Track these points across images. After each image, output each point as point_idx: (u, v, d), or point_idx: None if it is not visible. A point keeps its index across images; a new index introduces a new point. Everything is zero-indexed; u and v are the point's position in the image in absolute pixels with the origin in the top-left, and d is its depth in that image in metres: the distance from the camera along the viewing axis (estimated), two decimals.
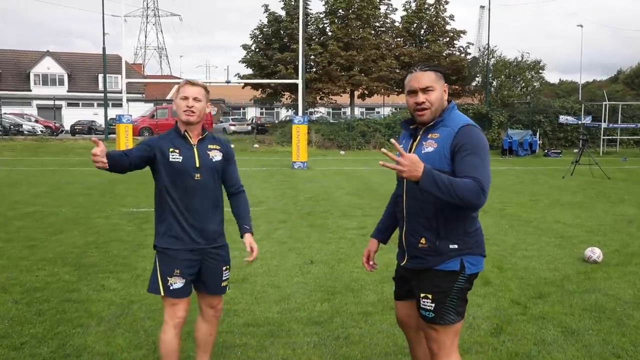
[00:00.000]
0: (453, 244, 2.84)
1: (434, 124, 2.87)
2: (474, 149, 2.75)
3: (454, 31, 40.69)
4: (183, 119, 3.36)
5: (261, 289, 5.82)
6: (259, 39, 39.16)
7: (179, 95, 3.37)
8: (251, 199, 12.04)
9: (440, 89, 2.88)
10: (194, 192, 3.36)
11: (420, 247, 2.90)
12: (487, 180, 2.70)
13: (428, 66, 2.93)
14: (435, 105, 2.86)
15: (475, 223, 2.93)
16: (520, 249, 7.65)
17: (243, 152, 30.26)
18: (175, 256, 3.35)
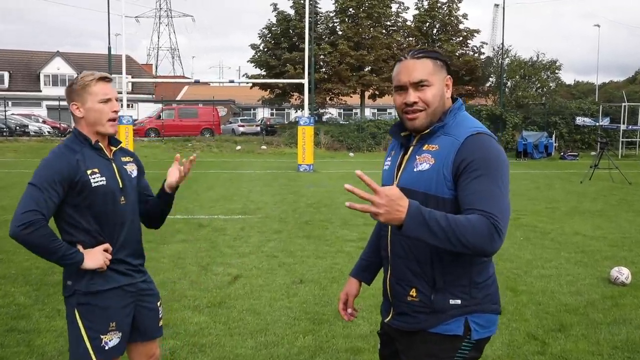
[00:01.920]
0: (455, 299, 2.06)
1: (432, 131, 2.10)
2: (485, 169, 1.97)
3: (467, 30, 39.70)
4: (109, 131, 2.58)
5: (238, 316, 5.07)
6: (268, 38, 38.47)
7: (95, 96, 2.54)
8: (248, 205, 11.39)
9: (439, 83, 2.10)
10: (123, 220, 2.59)
11: (410, 300, 2.12)
12: (504, 214, 1.92)
13: (423, 52, 2.14)
14: (433, 105, 2.09)
15: (487, 269, 2.14)
16: (536, 266, 6.85)
17: (250, 153, 29.60)
18: (107, 304, 2.53)
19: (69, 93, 2.59)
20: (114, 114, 2.58)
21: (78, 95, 2.56)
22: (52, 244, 2.38)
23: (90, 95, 2.55)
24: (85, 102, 2.55)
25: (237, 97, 58.75)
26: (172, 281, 6.07)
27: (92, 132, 2.58)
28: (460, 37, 39.66)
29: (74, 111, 2.57)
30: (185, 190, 14.24)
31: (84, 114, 2.56)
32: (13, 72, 55.65)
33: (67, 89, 2.60)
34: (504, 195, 1.96)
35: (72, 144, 2.56)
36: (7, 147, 28.28)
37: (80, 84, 2.55)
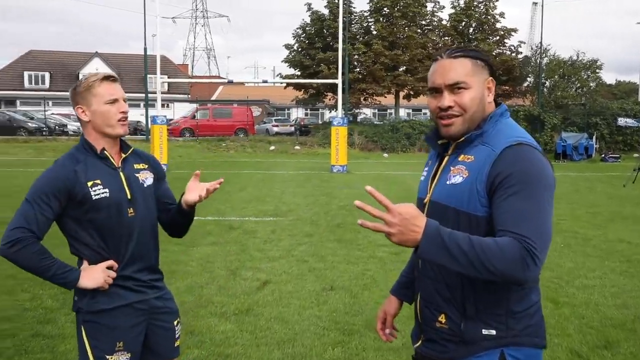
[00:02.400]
0: (488, 329, 1.82)
1: (469, 139, 1.88)
2: (523, 184, 1.72)
3: (504, 29, 38.96)
4: (119, 132, 2.39)
5: (265, 324, 4.92)
6: (302, 38, 38.39)
7: (101, 98, 2.35)
8: (280, 207, 11.27)
9: (479, 85, 1.88)
10: (130, 233, 2.39)
11: (439, 327, 1.90)
12: (541, 238, 1.68)
13: (462, 50, 1.91)
14: (471, 110, 1.87)
15: (528, 297, 1.86)
16: (579, 275, 6.53)
17: (283, 154, 29.54)
18: (114, 323, 2.35)
19: (72, 96, 2.40)
20: (122, 114, 2.39)
21: (82, 98, 2.37)
22: (41, 263, 2.23)
23: (95, 97, 2.35)
24: (90, 104, 2.36)
25: (271, 97, 58.92)
26: (200, 286, 5.96)
27: (100, 137, 2.40)
28: (497, 36, 38.98)
29: (80, 115, 2.39)
30: (218, 191, 14.06)
31: (90, 118, 2.37)
32: (54, 73, 56.82)
33: (71, 92, 2.41)
34: (543, 216, 1.71)
35: (77, 153, 2.39)
36: (46, 147, 28.78)
37: (83, 85, 2.37)
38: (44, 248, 2.25)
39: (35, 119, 35.65)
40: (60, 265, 2.27)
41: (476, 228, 1.77)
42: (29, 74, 56.32)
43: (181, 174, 18.57)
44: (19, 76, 56.52)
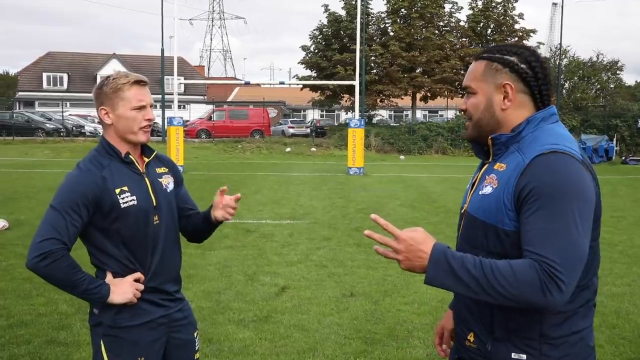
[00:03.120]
0: (519, 353, 1.68)
1: (504, 145, 1.76)
2: (548, 199, 1.57)
3: (523, 30, 38.55)
4: (141, 139, 2.26)
5: (285, 332, 4.78)
6: (319, 39, 38.28)
7: (128, 103, 2.21)
8: (297, 209, 11.12)
9: (486, 90, 1.77)
10: (155, 242, 2.26)
11: (468, 345, 1.80)
12: (567, 259, 1.53)
13: (487, 51, 1.83)
14: (475, 116, 1.81)
15: (570, 322, 1.69)
16: (606, 282, 6.32)
17: (299, 155, 29.43)
18: (136, 338, 2.23)
19: (97, 95, 2.25)
20: (147, 122, 2.25)
21: (108, 99, 2.22)
22: (74, 277, 2.09)
23: (123, 100, 2.20)
24: (116, 108, 2.21)
25: (287, 98, 58.88)
26: (218, 291, 5.83)
27: (121, 141, 2.26)
28: (516, 37, 38.55)
29: (102, 117, 2.24)
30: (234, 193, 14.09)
31: (113, 121, 2.23)
32: (72, 74, 57.25)
33: (96, 90, 2.25)
34: (572, 234, 1.55)
35: (100, 157, 2.24)
36: (63, 147, 28.94)
37: (111, 86, 2.21)
38: (75, 261, 2.11)
39: (53, 120, 35.90)
40: (91, 280, 2.14)
41: (505, 243, 1.67)
42: (47, 75, 56.81)
43: (197, 176, 18.56)
44: (37, 77, 57.05)
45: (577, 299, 1.67)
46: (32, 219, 9.81)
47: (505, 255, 1.64)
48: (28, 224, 9.32)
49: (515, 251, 1.63)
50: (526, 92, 1.76)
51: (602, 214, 1.71)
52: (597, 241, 1.71)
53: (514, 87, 1.75)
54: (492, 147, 1.78)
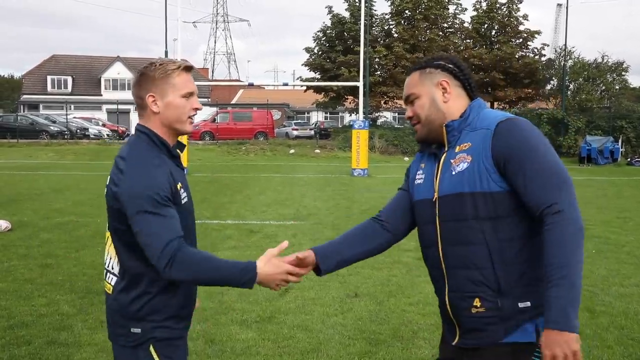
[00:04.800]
0: (524, 301, 1.90)
1: (456, 130, 2.03)
2: (531, 152, 1.88)
3: (527, 32, 38.41)
4: (188, 130, 2.12)
5: (288, 333, 4.72)
6: (322, 41, 38.24)
7: (178, 90, 2.07)
8: (301, 210, 11.05)
9: (428, 90, 2.08)
10: (195, 242, 2.19)
11: (475, 312, 1.94)
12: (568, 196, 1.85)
13: (415, 66, 2.17)
14: (423, 115, 2.09)
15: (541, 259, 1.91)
16: (614, 283, 6.24)
17: (303, 157, 29.38)
18: (181, 348, 2.15)
19: (143, 81, 2.07)
20: (194, 111, 2.12)
21: (156, 86, 2.06)
22: (214, 263, 1.95)
23: (173, 87, 2.06)
24: (166, 95, 2.06)
25: (291, 100, 58.85)
26: (220, 292, 5.76)
27: (167, 132, 2.10)
28: (521, 38, 38.47)
29: (150, 104, 2.06)
30: (237, 194, 14.09)
31: (161, 110, 2.07)
32: (76, 77, 57.38)
33: (141, 76, 2.08)
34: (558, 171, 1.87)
35: (153, 149, 2.05)
36: (67, 150, 28.97)
37: (161, 71, 2.06)
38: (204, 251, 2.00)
39: (57, 122, 35.97)
40: (231, 261, 2.00)
41: (497, 205, 1.90)
42: (52, 78, 56.95)
43: (201, 178, 18.54)
44: (42, 80, 57.19)
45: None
46: (35, 220, 9.80)
47: (496, 217, 1.90)
48: (31, 225, 9.31)
49: (505, 210, 1.89)
50: (459, 85, 2.07)
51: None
52: None
53: (450, 82, 2.06)
54: (447, 135, 2.03)
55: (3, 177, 17.34)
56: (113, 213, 2.04)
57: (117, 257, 2.08)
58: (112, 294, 2.11)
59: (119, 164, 2.03)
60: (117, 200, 1.98)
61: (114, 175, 2.02)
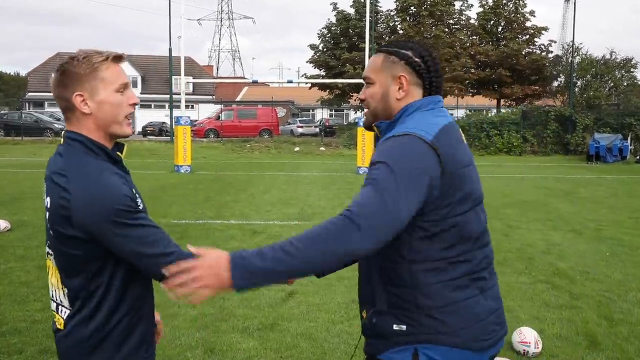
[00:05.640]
0: (399, 324, 1.83)
1: (379, 128, 1.95)
2: (373, 169, 1.74)
3: (534, 28, 38.14)
4: (126, 132, 1.84)
5: (291, 341, 4.51)
6: (327, 38, 38.02)
7: (110, 84, 1.76)
8: (306, 209, 10.80)
9: (383, 81, 1.92)
10: None
11: (363, 322, 1.99)
12: (365, 207, 1.66)
13: (384, 46, 1.99)
14: (371, 106, 1.96)
15: (445, 293, 1.81)
16: (631, 288, 6.01)
17: (308, 155, 29.20)
18: None
19: (67, 80, 1.76)
20: (131, 107, 1.82)
21: (83, 83, 1.75)
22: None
23: (103, 81, 1.76)
24: (97, 92, 1.76)
25: (296, 97, 58.64)
26: (221, 297, 5.56)
27: (103, 137, 1.80)
28: (527, 35, 38.20)
29: (79, 105, 1.75)
30: (242, 193, 13.89)
31: (93, 110, 1.76)
32: None
33: (63, 74, 1.76)
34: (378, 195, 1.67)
35: (94, 159, 1.76)
36: None
37: (87, 65, 1.75)
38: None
39: (61, 120, 35.85)
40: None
41: None
42: None
43: (205, 176, 18.36)
44: (47, 78, 57.05)
45: (449, 272, 1.79)
46: (35, 220, 9.61)
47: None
48: (31, 225, 9.12)
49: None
50: (418, 84, 1.90)
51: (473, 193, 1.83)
52: (464, 216, 1.80)
53: (408, 79, 1.88)
54: (379, 133, 1.93)
55: (6, 175, 17.20)
56: (60, 238, 1.74)
57: (61, 283, 1.80)
58: (64, 328, 1.81)
59: (59, 182, 1.71)
60: (69, 225, 1.69)
61: (58, 197, 1.71)
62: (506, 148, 30.93)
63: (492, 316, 1.89)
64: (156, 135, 40.06)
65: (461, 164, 1.82)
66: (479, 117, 33.58)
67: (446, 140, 1.79)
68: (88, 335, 1.76)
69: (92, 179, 1.70)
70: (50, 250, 1.83)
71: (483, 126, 31.59)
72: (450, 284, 1.81)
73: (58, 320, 1.84)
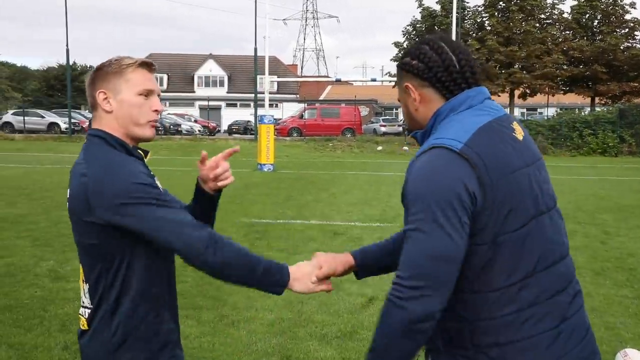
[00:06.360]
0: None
1: (420, 142, 1.76)
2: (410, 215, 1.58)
3: (634, 21, 35.92)
4: (147, 135, 1.86)
5: None
6: (412, 35, 37.43)
7: (134, 86, 1.82)
8: (388, 211, 10.54)
9: (401, 96, 1.79)
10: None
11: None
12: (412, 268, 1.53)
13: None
14: (406, 122, 1.87)
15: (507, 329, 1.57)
16: None
17: (391, 154, 28.82)
18: None
19: (96, 78, 1.83)
20: (155, 114, 1.85)
21: (108, 82, 1.81)
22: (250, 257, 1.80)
23: (127, 82, 1.81)
24: (119, 91, 1.81)
25: (379, 96, 58.25)
26: (300, 301, 5.43)
27: (124, 136, 1.83)
28: (627, 28, 36.07)
29: (101, 102, 1.81)
30: (323, 192, 13.81)
31: (114, 108, 1.81)
32: (171, 74, 59.44)
33: (94, 73, 1.85)
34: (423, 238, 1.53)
35: (119, 154, 1.79)
36: (160, 145, 29.82)
37: (114, 66, 1.82)
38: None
39: None
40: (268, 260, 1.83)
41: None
42: None
43: (288, 174, 18.44)
44: None
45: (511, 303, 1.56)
46: None
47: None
48: None
49: None
50: (426, 85, 1.70)
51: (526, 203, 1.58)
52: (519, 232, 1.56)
53: (413, 85, 1.72)
54: (418, 143, 1.78)
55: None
56: (79, 227, 1.77)
57: (83, 280, 1.82)
58: (88, 328, 1.80)
59: (78, 170, 1.75)
60: (87, 210, 1.69)
61: (77, 183, 1.73)
62: (601, 149, 29.31)
63: (576, 350, 1.60)
64: (241, 133, 40.92)
65: (508, 168, 1.57)
66: (571, 116, 32.03)
67: (485, 143, 1.57)
68: (112, 332, 1.74)
69: (111, 162, 1.73)
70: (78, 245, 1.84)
71: (576, 125, 30.08)
72: (515, 318, 1.57)
73: (82, 322, 1.83)
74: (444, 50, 1.68)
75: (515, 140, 1.64)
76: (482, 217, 1.53)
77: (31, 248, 7.38)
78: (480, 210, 1.53)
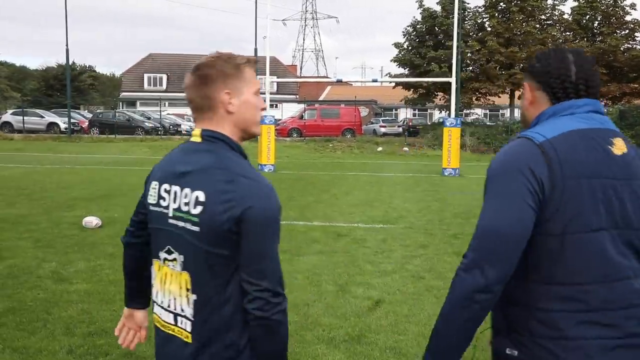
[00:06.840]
0: (512, 349, 1.68)
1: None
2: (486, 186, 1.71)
3: (635, 22, 35.84)
4: (258, 133, 1.84)
5: (380, 356, 4.26)
6: (412, 36, 37.36)
7: (251, 86, 1.77)
8: (390, 212, 10.48)
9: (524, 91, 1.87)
10: None
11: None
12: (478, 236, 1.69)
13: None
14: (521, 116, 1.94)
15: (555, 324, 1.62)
16: None
17: (391, 155, 28.76)
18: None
19: (214, 77, 1.72)
20: (263, 111, 1.84)
21: (230, 82, 1.73)
22: None
23: (245, 82, 1.75)
24: (241, 91, 1.74)
25: (379, 97, 58.25)
26: (306, 303, 5.39)
27: (238, 137, 1.79)
28: (627, 29, 35.98)
29: (226, 103, 1.73)
30: (324, 193, 13.75)
31: (237, 109, 1.75)
32: (170, 75, 59.35)
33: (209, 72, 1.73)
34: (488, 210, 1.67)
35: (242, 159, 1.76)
36: (160, 146, 29.78)
37: (232, 65, 1.73)
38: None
39: (152, 118, 37.21)
40: None
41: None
42: (148, 76, 59.22)
43: (288, 175, 18.37)
44: (139, 78, 59.60)
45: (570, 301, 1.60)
46: (124, 217, 9.82)
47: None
48: (120, 222, 9.32)
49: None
50: (540, 88, 1.79)
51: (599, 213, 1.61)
52: (587, 235, 1.59)
53: (530, 86, 1.82)
54: None
55: (100, 172, 17.86)
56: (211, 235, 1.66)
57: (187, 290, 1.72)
58: (191, 342, 1.72)
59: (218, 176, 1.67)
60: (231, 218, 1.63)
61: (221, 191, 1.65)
62: None
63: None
64: None
65: (586, 173, 1.61)
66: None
67: (569, 143, 1.63)
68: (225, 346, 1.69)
69: (258, 177, 1.70)
70: (176, 254, 1.74)
71: None
72: (572, 316, 1.60)
73: (181, 333, 1.75)
74: (567, 61, 1.76)
75: (607, 152, 1.67)
76: (549, 208, 1.59)
77: (33, 249, 7.32)
78: (548, 199, 1.59)
